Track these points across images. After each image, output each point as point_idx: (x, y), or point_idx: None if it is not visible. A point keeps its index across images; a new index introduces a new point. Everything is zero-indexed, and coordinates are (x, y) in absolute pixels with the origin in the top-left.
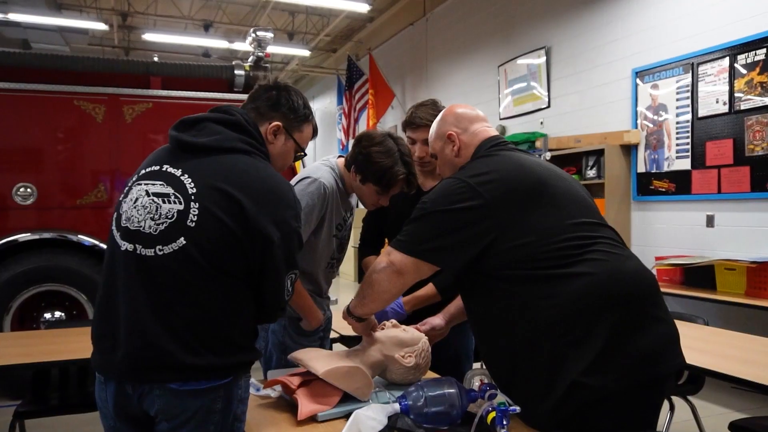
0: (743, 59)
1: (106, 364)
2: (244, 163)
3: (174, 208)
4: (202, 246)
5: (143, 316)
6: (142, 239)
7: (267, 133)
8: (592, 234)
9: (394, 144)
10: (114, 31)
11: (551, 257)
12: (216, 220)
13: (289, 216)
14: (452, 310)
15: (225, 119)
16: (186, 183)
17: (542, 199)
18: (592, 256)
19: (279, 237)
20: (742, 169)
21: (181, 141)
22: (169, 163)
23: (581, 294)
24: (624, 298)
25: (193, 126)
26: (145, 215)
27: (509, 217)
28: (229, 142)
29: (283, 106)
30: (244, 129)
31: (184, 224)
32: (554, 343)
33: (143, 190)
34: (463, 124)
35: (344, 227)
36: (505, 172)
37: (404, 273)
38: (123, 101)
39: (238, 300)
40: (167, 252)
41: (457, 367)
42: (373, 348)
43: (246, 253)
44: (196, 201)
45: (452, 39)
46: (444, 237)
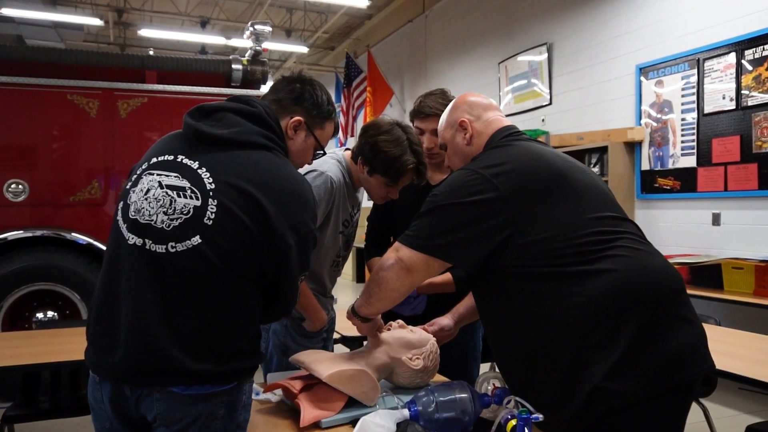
0: (750, 54)
1: (103, 363)
2: (266, 160)
3: (190, 203)
4: (218, 246)
5: (148, 316)
6: (153, 234)
7: (287, 128)
8: (615, 229)
9: (402, 132)
10: (110, 28)
11: (572, 253)
12: (234, 219)
13: (307, 218)
14: (461, 310)
15: (245, 110)
16: (204, 177)
17: (561, 192)
18: (615, 252)
19: (296, 240)
20: (749, 166)
21: (199, 131)
22: (184, 153)
23: (604, 293)
24: (650, 297)
25: (210, 115)
26: (157, 209)
27: (526, 211)
28: (249, 135)
29: (307, 101)
30: (264, 122)
31: (200, 221)
32: (575, 345)
33: (156, 181)
34: (477, 112)
35: (351, 223)
36: (521, 163)
37: (414, 270)
38: (117, 96)
39: (249, 304)
40: (180, 250)
41: (465, 368)
42: (379, 350)
43: (263, 256)
44: (214, 197)
45: (452, 36)
46: (456, 232)
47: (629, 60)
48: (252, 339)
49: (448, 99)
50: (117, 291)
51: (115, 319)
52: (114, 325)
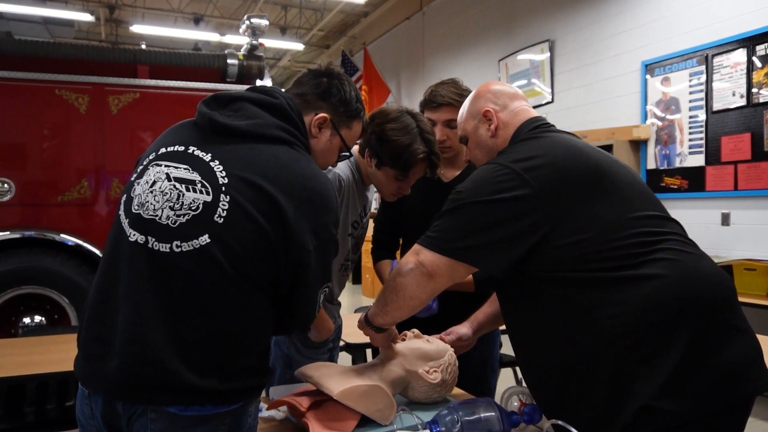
0: (762, 50)
1: (94, 374)
2: (287, 156)
3: (200, 198)
4: (229, 247)
5: (148, 323)
6: (157, 231)
7: (311, 125)
8: (661, 229)
9: (411, 120)
10: (101, 24)
11: (614, 257)
12: (249, 218)
13: (329, 222)
14: (481, 318)
15: (266, 101)
16: (216, 171)
17: (601, 188)
18: (662, 256)
19: (315, 246)
20: (761, 164)
21: (214, 121)
22: (196, 144)
23: (652, 300)
24: (703, 304)
25: (227, 105)
26: (163, 203)
27: (563, 209)
28: (269, 129)
29: (334, 96)
30: (287, 116)
31: (210, 219)
32: (620, 359)
33: (163, 172)
34: (502, 101)
35: (360, 225)
36: (556, 156)
37: (436, 276)
38: (108, 91)
39: (260, 315)
40: (186, 249)
41: (483, 380)
42: (394, 362)
43: (278, 262)
44: (227, 193)
45: (450, 33)
46: (484, 233)
47: (634, 57)
48: (261, 355)
49: (460, 88)
50: (114, 293)
51: (110, 324)
52: (108, 332)
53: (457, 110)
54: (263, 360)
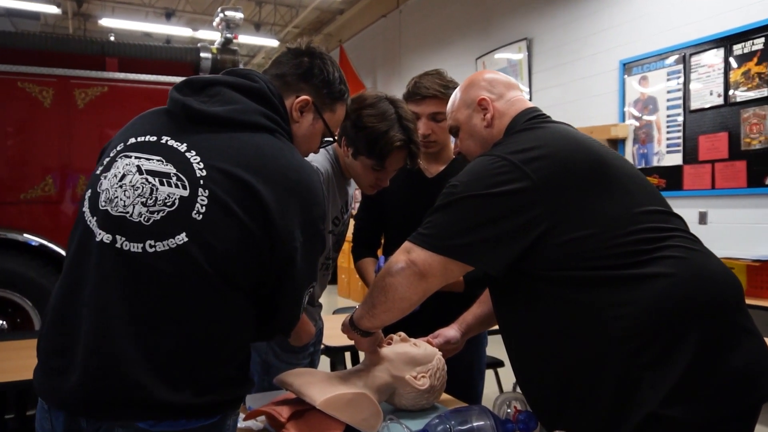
0: (739, 49)
1: (54, 390)
2: (270, 145)
3: (175, 192)
4: (209, 246)
5: (115, 332)
6: (128, 229)
7: (292, 109)
8: (666, 225)
9: (390, 106)
10: (68, 18)
11: (619, 254)
12: (230, 214)
13: (316, 216)
14: (469, 320)
15: (245, 85)
16: (193, 162)
17: (604, 182)
18: (668, 253)
19: (302, 242)
20: (737, 163)
21: (188, 108)
22: (170, 133)
23: (660, 300)
24: (712, 305)
25: (202, 90)
26: (134, 198)
27: (565, 204)
28: (249, 115)
29: (316, 77)
30: (268, 100)
31: (187, 216)
32: (625, 363)
33: (134, 165)
34: (498, 90)
35: (341, 221)
36: (556, 148)
37: (428, 275)
38: (74, 84)
39: (241, 320)
40: (161, 250)
41: (470, 384)
42: (379, 368)
43: (263, 261)
44: (206, 187)
45: (427, 31)
46: (481, 229)
47: (612, 55)
48: (241, 364)
49: (445, 80)
50: (77, 300)
51: (73, 334)
52: (70, 342)
53: (442, 102)
54: (243, 369)
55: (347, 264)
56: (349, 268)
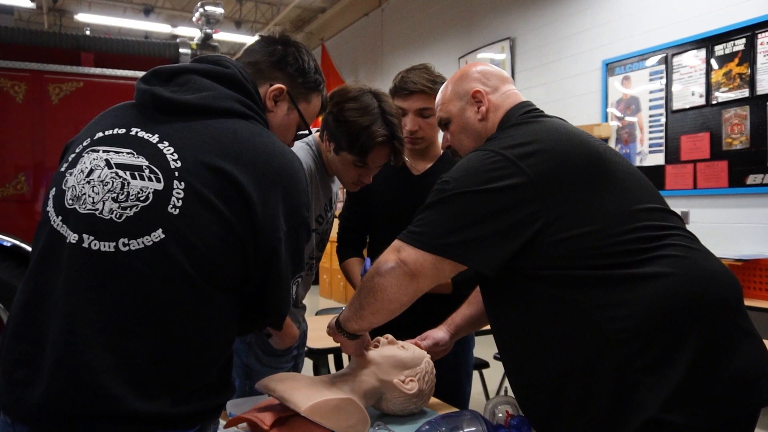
0: (721, 50)
1: (17, 403)
2: (247, 131)
3: (149, 186)
4: (188, 243)
5: (85, 340)
6: (98, 228)
7: (266, 98)
8: (664, 223)
9: (373, 99)
10: (43, 14)
11: (617, 252)
12: (209, 207)
13: (300, 204)
14: (458, 321)
15: (216, 72)
16: (166, 153)
17: (603, 178)
18: (667, 252)
19: (286, 232)
20: (719, 163)
21: (158, 97)
22: (139, 125)
23: (660, 301)
24: (712, 306)
25: (171, 79)
26: (104, 194)
27: (561, 200)
28: (223, 101)
29: (290, 66)
30: (241, 86)
31: (163, 210)
32: (623, 366)
33: (102, 159)
34: (493, 83)
35: (325, 219)
36: (553, 142)
37: (419, 275)
38: (48, 79)
39: (223, 323)
40: (135, 248)
41: (457, 387)
42: (366, 371)
43: (246, 255)
44: (181, 179)
45: (409, 30)
46: (475, 227)
47: (595, 55)
48: (222, 369)
49: (433, 74)
50: (43, 306)
51: (39, 342)
52: (35, 352)
53: (429, 98)
54: (224, 374)
55: (329, 264)
56: (331, 268)
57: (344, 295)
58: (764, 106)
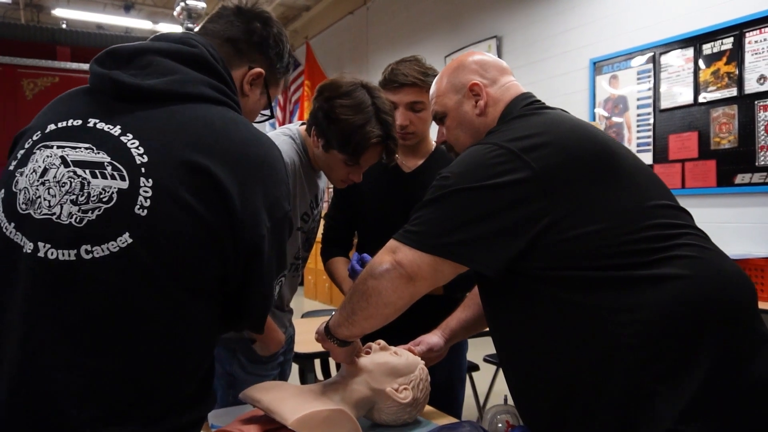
0: (709, 49)
1: None
2: (220, 118)
3: (112, 185)
4: (158, 246)
5: (45, 361)
6: (56, 234)
7: (243, 81)
8: (677, 221)
9: (366, 96)
10: (20, 9)
11: (629, 252)
12: (181, 205)
13: (281, 196)
14: (453, 326)
15: (181, 52)
16: (130, 147)
17: (612, 172)
18: (681, 252)
19: (269, 228)
20: (707, 163)
21: (117, 82)
22: (97, 115)
23: (674, 305)
24: (730, 310)
25: (130, 60)
26: (61, 196)
27: (569, 196)
28: (192, 86)
29: (271, 49)
30: (211, 68)
31: (129, 212)
32: (635, 374)
33: (57, 156)
34: (491, 74)
35: (311, 217)
36: (559, 135)
37: (417, 278)
38: (22, 73)
39: (201, 331)
40: (100, 255)
41: (450, 392)
42: (357, 380)
43: (225, 256)
44: (149, 176)
45: (395, 28)
46: (477, 225)
47: (582, 54)
48: (202, 379)
49: (424, 66)
50: None
51: None
52: None
53: (421, 91)
54: (205, 385)
55: (314, 265)
56: (316, 269)
57: (329, 297)
58: (752, 106)
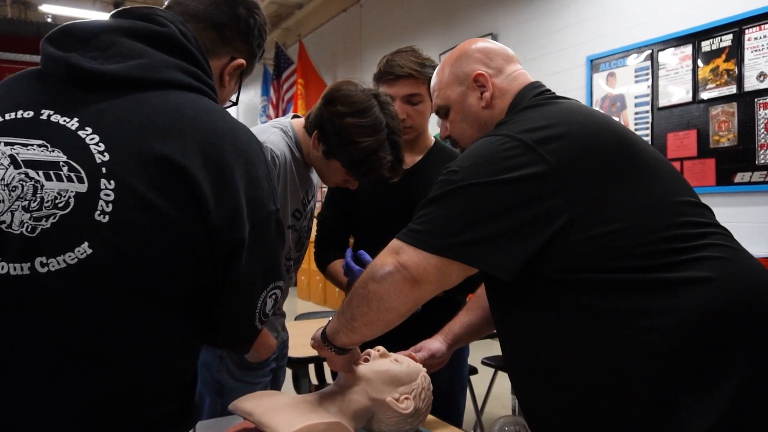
0: (707, 46)
1: None
2: (192, 106)
3: (69, 188)
4: (123, 256)
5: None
6: (7, 246)
7: (225, 72)
8: (702, 220)
9: (380, 113)
10: (7, 5)
11: (653, 253)
12: (148, 209)
13: (263, 193)
14: (456, 330)
15: (148, 31)
16: (90, 143)
17: (634, 166)
18: (709, 253)
19: (250, 230)
20: (707, 161)
21: (74, 67)
22: (52, 105)
23: (703, 310)
24: (763, 315)
25: (89, 41)
26: (11, 202)
27: (588, 192)
28: (160, 71)
29: (255, 39)
30: (183, 50)
31: (89, 218)
32: (660, 385)
33: (5, 155)
34: (497, 63)
35: (303, 215)
36: (575, 126)
37: (422, 281)
38: (5, 68)
39: (181, 341)
40: (56, 269)
41: (451, 402)
42: (356, 389)
43: (201, 263)
44: (110, 176)
45: (389, 26)
46: (488, 223)
47: (579, 51)
48: (181, 396)
49: (421, 57)
50: None
51: None
52: None
53: (418, 83)
54: (186, 400)
55: (307, 265)
56: (309, 269)
57: (323, 297)
58: (752, 103)
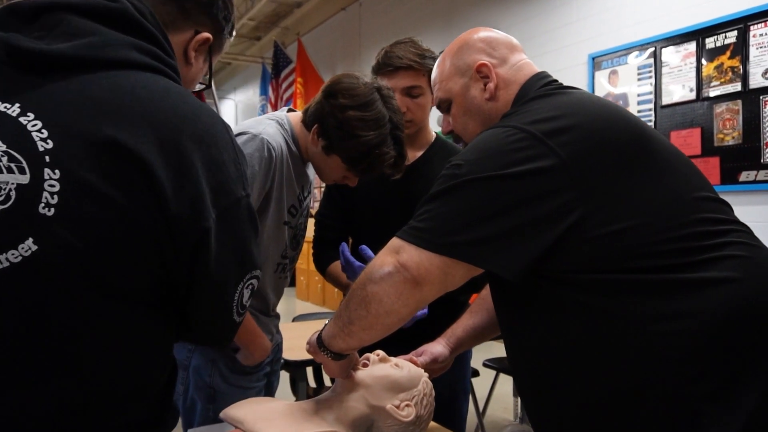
0: (711, 43)
1: None
2: (146, 86)
3: (9, 180)
4: (73, 251)
5: None
6: None
7: (189, 48)
8: (723, 216)
9: (383, 107)
10: None
11: (671, 252)
12: (98, 200)
13: (229, 177)
14: (459, 334)
15: (98, 7)
16: (32, 131)
17: (650, 160)
18: (730, 252)
19: (215, 218)
20: (711, 159)
21: (17, 48)
22: None
23: (724, 312)
24: None
25: (34, 19)
26: None
27: (601, 187)
28: (113, 50)
29: (220, 12)
30: (139, 27)
31: (32, 212)
32: (679, 392)
33: None
34: (500, 53)
35: (299, 211)
36: (586, 117)
37: (424, 282)
38: None
39: (149, 344)
40: None
41: (453, 407)
42: (354, 396)
43: (164, 256)
44: (55, 165)
45: (388, 25)
46: (495, 220)
47: (581, 49)
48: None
49: (420, 48)
50: None
51: None
52: None
53: (418, 74)
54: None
55: (306, 265)
56: (308, 269)
57: (322, 298)
58: (757, 101)
